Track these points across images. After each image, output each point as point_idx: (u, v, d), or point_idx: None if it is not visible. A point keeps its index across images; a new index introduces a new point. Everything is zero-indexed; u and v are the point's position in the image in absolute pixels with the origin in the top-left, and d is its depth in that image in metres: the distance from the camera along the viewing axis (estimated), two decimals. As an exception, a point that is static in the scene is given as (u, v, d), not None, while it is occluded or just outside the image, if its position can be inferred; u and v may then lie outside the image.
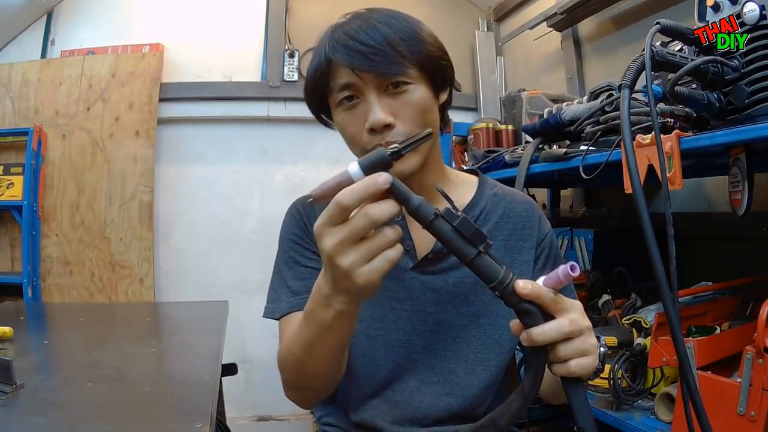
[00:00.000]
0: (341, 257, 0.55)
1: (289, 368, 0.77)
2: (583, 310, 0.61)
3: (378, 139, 0.77)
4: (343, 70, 0.77)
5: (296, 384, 0.81)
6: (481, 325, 0.85)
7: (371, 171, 0.54)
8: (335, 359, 0.73)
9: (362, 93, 0.77)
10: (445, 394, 0.85)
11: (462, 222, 0.54)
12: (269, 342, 2.56)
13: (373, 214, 0.53)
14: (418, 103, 0.78)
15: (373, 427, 0.86)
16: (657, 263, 0.70)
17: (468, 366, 0.85)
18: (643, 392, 1.28)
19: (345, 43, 0.76)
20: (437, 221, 0.54)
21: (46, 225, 2.54)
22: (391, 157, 0.55)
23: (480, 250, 0.54)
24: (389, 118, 0.76)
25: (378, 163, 0.54)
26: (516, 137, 2.00)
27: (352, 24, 0.78)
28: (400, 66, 0.76)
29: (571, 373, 0.58)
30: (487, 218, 0.89)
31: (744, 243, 1.50)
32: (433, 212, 0.54)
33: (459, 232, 0.54)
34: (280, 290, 0.88)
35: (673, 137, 1.02)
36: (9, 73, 2.55)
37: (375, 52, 0.74)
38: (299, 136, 2.80)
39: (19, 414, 0.79)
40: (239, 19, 2.83)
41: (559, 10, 2.21)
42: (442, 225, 0.54)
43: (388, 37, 0.76)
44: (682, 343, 0.73)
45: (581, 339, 0.59)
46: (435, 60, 0.81)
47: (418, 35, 0.79)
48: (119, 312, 1.98)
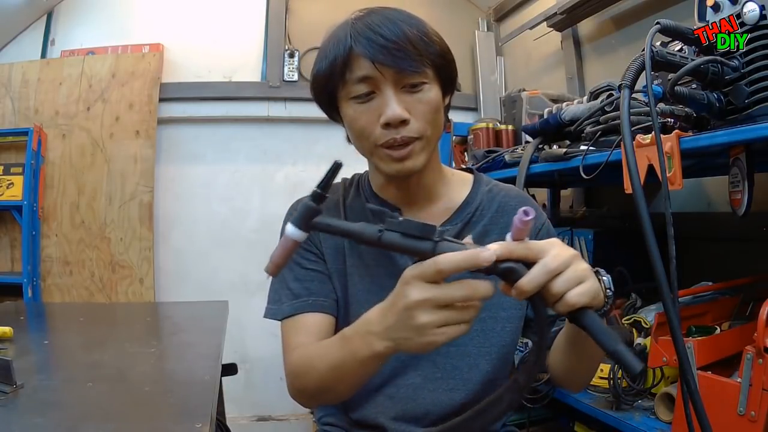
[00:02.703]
0: (424, 313, 0.55)
1: (309, 381, 0.77)
2: (563, 243, 0.59)
3: (392, 134, 0.78)
4: (362, 63, 0.77)
5: (312, 395, 0.81)
6: (483, 319, 0.86)
7: (306, 225, 0.54)
8: (360, 383, 0.73)
9: (379, 87, 0.78)
10: (449, 389, 0.86)
11: (405, 224, 0.54)
12: (269, 342, 2.56)
13: (477, 292, 0.54)
14: (431, 102, 0.80)
15: (375, 425, 0.86)
16: (657, 263, 0.70)
17: (471, 360, 0.87)
18: (643, 392, 1.28)
19: (367, 36, 0.76)
20: (384, 236, 0.54)
21: (46, 225, 2.54)
22: (315, 203, 0.54)
23: (435, 240, 0.54)
24: (405, 114, 0.77)
25: (308, 215, 0.54)
26: (516, 137, 2.00)
27: (373, 18, 0.78)
28: (420, 64, 0.77)
29: (573, 305, 0.55)
30: (483, 213, 0.90)
31: (744, 243, 1.50)
32: (378, 229, 0.54)
33: (408, 234, 0.54)
34: (280, 291, 0.89)
35: (673, 137, 1.02)
36: (9, 73, 2.55)
37: (398, 48, 0.75)
38: (299, 136, 2.80)
39: (19, 414, 0.78)
40: (239, 19, 2.83)
41: (559, 10, 2.20)
42: (390, 237, 0.54)
43: (408, 35, 0.76)
44: (682, 343, 0.73)
45: (570, 269, 0.56)
46: (448, 62, 0.83)
47: (432, 37, 0.80)
48: (119, 312, 1.98)
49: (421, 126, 0.78)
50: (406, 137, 0.78)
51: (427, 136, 0.80)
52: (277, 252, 0.55)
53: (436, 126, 0.82)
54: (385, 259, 0.87)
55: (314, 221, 0.55)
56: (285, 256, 0.55)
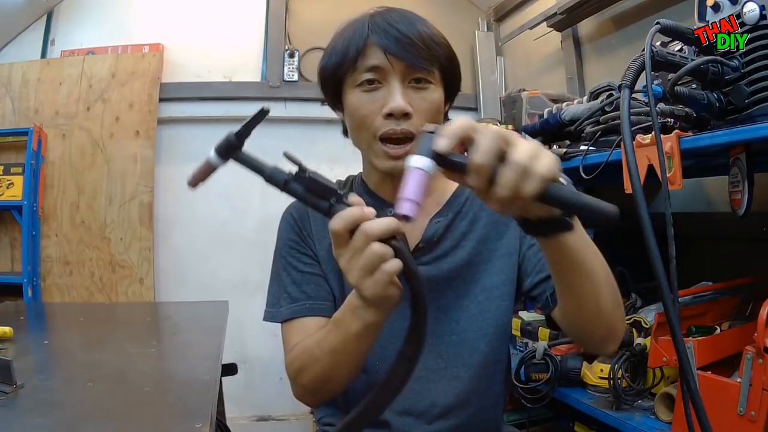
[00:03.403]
0: (349, 275, 0.60)
1: (312, 373, 0.78)
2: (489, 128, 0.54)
3: (393, 125, 0.80)
4: (375, 53, 0.80)
5: (316, 388, 0.82)
6: (480, 301, 0.89)
7: (225, 154, 0.61)
8: (358, 365, 0.76)
9: (386, 79, 0.81)
10: (452, 378, 0.88)
11: (310, 182, 0.58)
12: (269, 342, 2.56)
13: (366, 230, 0.57)
14: (434, 102, 0.83)
15: (379, 421, 0.87)
16: (657, 263, 0.70)
17: (471, 345, 0.88)
18: (643, 392, 1.28)
19: (384, 28, 0.80)
20: (290, 185, 0.59)
21: (46, 225, 2.53)
22: (237, 137, 0.61)
23: (331, 203, 0.58)
24: (409, 107, 0.80)
25: (229, 147, 0.61)
26: (516, 137, 1.99)
27: (391, 14, 0.82)
28: (429, 63, 0.81)
29: (533, 192, 0.51)
30: (473, 203, 0.92)
31: (744, 243, 1.50)
32: (284, 177, 0.59)
33: (310, 190, 0.59)
34: (279, 295, 0.90)
35: (673, 137, 1.02)
36: (9, 73, 2.55)
37: (410, 43, 0.79)
38: (299, 136, 2.80)
39: (19, 414, 0.78)
40: (239, 19, 2.82)
41: (559, 10, 2.20)
42: (295, 187, 0.59)
43: (422, 34, 0.80)
44: (682, 343, 0.73)
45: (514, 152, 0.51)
46: (454, 68, 0.86)
47: (442, 41, 0.84)
48: (119, 312, 1.98)
49: (421, 123, 0.79)
50: (406, 131, 0.80)
51: None
52: (198, 171, 0.63)
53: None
54: None
55: (234, 153, 0.61)
56: (203, 176, 0.63)
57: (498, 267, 0.89)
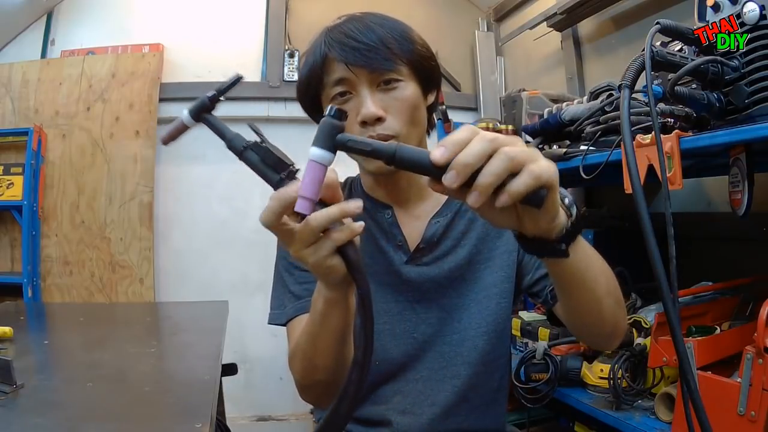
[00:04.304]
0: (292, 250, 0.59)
1: (298, 363, 0.77)
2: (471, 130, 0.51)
3: (369, 132, 0.81)
4: (337, 66, 0.81)
5: (305, 380, 0.81)
6: (479, 300, 0.89)
7: (197, 114, 0.64)
8: (337, 350, 0.73)
9: (355, 88, 0.82)
10: (452, 376, 0.88)
11: (266, 153, 0.60)
12: (269, 342, 2.56)
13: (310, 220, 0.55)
14: (407, 99, 0.82)
15: (381, 420, 0.88)
16: (657, 263, 0.70)
17: (471, 343, 0.89)
18: (643, 392, 1.28)
19: (340, 41, 0.80)
20: (246, 152, 0.61)
21: (46, 225, 2.54)
22: (209, 100, 0.64)
23: (282, 177, 0.58)
24: (380, 112, 0.80)
25: (201, 107, 0.65)
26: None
27: (348, 24, 0.82)
28: (392, 63, 0.81)
29: (523, 190, 0.48)
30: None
31: (744, 243, 1.50)
32: (243, 145, 0.61)
33: (264, 161, 0.60)
34: (283, 297, 0.90)
35: (673, 137, 1.02)
36: (9, 73, 2.55)
37: (369, 49, 0.79)
38: (299, 136, 2.78)
39: (19, 414, 0.79)
40: (239, 19, 2.82)
41: (559, 10, 2.20)
42: (251, 155, 0.60)
43: (381, 37, 0.80)
44: (682, 343, 0.73)
45: (499, 155, 0.48)
46: (425, 60, 0.85)
47: (409, 36, 0.84)
48: (119, 312, 1.98)
49: (397, 123, 0.81)
50: (383, 134, 0.80)
51: (404, 134, 0.82)
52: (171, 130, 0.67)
53: (415, 123, 0.84)
54: (381, 256, 0.90)
55: (203, 116, 0.65)
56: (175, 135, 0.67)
57: (498, 264, 0.90)
